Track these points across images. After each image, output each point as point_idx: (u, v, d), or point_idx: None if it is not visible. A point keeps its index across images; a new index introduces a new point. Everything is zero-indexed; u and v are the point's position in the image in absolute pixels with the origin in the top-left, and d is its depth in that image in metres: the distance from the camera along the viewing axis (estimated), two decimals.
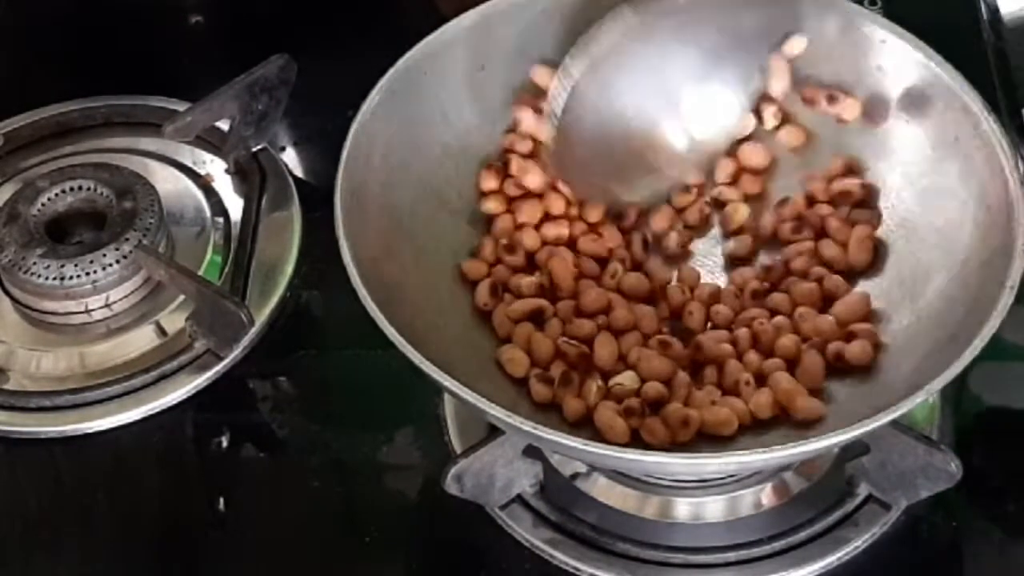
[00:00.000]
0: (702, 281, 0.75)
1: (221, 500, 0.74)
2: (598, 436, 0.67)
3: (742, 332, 0.71)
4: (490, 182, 0.76)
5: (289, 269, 0.81)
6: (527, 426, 0.61)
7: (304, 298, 0.81)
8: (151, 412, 0.76)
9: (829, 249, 0.73)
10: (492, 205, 0.76)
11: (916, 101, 0.73)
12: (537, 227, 0.75)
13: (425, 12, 0.88)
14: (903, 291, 0.71)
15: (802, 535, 0.69)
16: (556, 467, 0.71)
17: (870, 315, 0.71)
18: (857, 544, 0.69)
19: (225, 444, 0.76)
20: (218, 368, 0.77)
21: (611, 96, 0.74)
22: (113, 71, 0.93)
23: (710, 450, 0.67)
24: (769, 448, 0.60)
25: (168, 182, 0.85)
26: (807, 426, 0.67)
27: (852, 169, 0.75)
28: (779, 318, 0.71)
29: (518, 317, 0.71)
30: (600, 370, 0.70)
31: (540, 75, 0.76)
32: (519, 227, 0.75)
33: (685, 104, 0.76)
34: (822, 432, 0.62)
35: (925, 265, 0.71)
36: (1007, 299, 0.63)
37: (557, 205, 0.76)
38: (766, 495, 0.71)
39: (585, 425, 0.68)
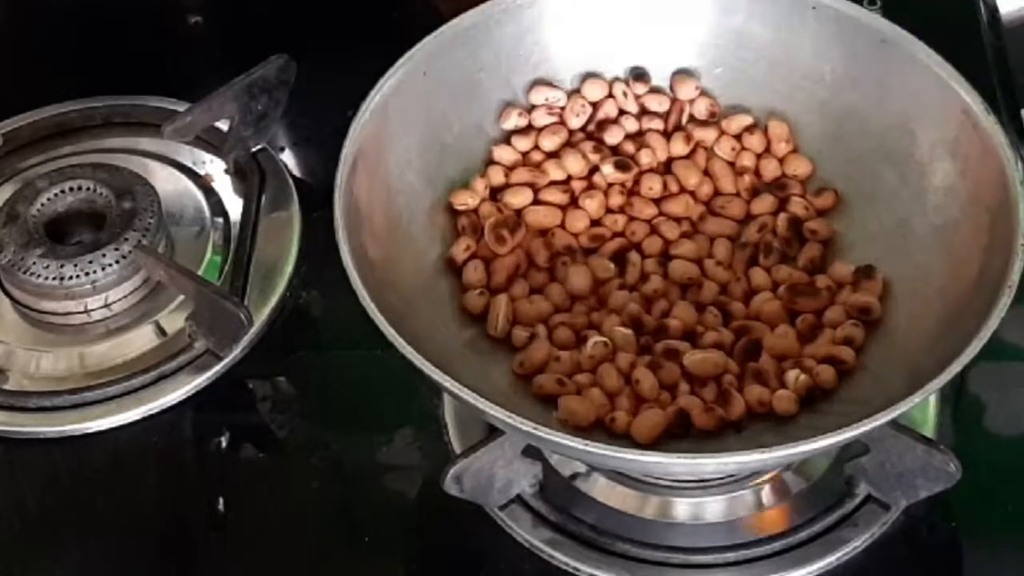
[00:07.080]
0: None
1: (221, 500, 0.74)
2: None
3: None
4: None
5: (289, 269, 0.81)
6: (527, 426, 0.61)
7: (304, 298, 0.81)
8: (151, 412, 0.76)
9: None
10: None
11: (915, 102, 0.73)
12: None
13: (425, 12, 0.88)
14: (902, 291, 0.71)
15: (802, 535, 0.69)
16: (556, 467, 0.71)
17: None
18: (856, 544, 0.69)
19: (224, 444, 0.76)
20: (217, 368, 0.77)
21: None
22: (112, 71, 0.93)
23: (709, 449, 0.67)
24: (768, 448, 0.60)
25: (167, 182, 0.85)
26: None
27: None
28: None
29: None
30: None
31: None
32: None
33: None
34: (821, 432, 0.62)
35: (924, 265, 0.71)
36: (1007, 299, 0.63)
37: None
38: (766, 495, 0.71)
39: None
